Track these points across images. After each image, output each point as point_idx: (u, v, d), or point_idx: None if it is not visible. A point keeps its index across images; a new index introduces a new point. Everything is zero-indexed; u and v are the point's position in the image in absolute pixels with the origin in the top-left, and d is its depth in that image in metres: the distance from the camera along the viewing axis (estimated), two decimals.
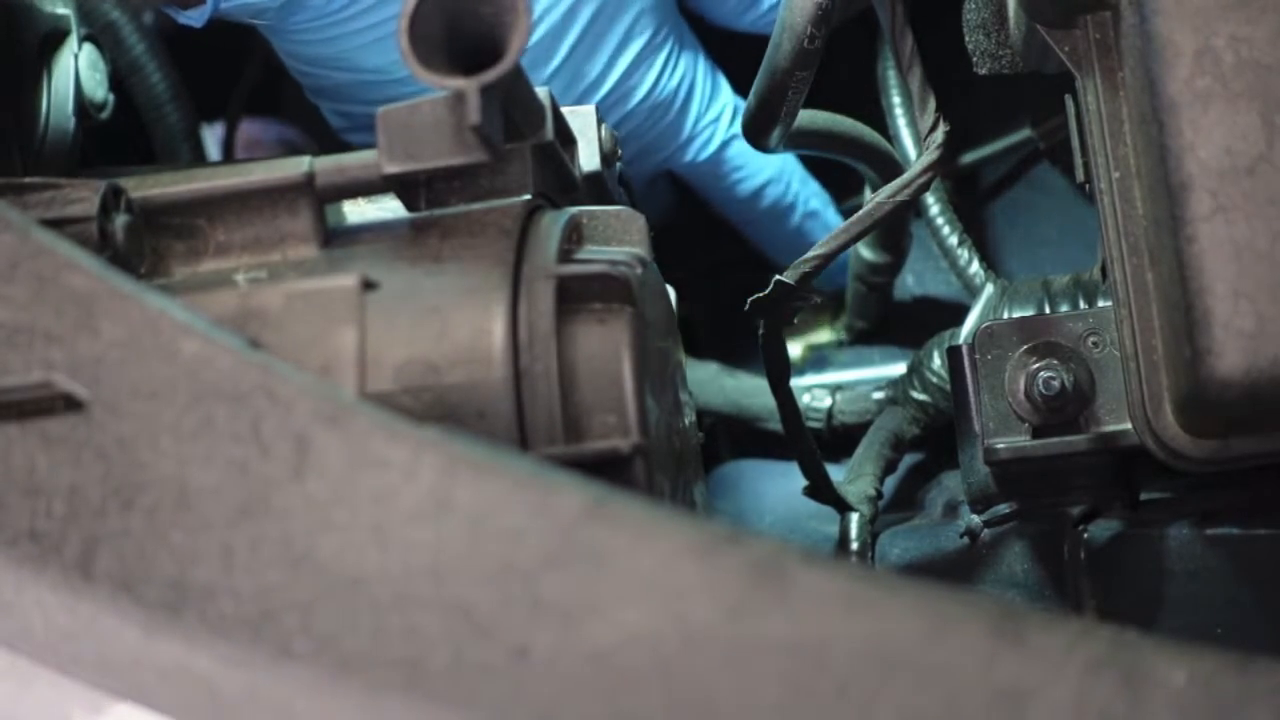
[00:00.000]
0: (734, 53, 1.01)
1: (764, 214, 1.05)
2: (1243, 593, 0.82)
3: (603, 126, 0.77)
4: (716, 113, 0.99)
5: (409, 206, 0.64)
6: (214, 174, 0.64)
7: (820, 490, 0.90)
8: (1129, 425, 0.70)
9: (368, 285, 0.59)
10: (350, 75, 0.89)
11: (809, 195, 1.06)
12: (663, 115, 0.96)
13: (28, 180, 0.63)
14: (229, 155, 1.23)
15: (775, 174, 1.03)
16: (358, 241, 0.63)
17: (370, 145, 0.62)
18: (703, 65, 0.99)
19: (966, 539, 0.89)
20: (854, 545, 0.91)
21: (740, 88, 0.99)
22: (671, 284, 0.73)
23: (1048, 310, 0.87)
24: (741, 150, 1.01)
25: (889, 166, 0.93)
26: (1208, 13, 0.62)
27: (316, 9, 0.84)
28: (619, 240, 0.66)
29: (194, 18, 0.83)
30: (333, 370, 0.57)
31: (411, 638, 0.47)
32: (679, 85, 0.96)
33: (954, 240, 1.01)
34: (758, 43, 0.78)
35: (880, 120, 1.01)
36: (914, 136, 1.01)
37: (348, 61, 0.88)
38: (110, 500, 0.50)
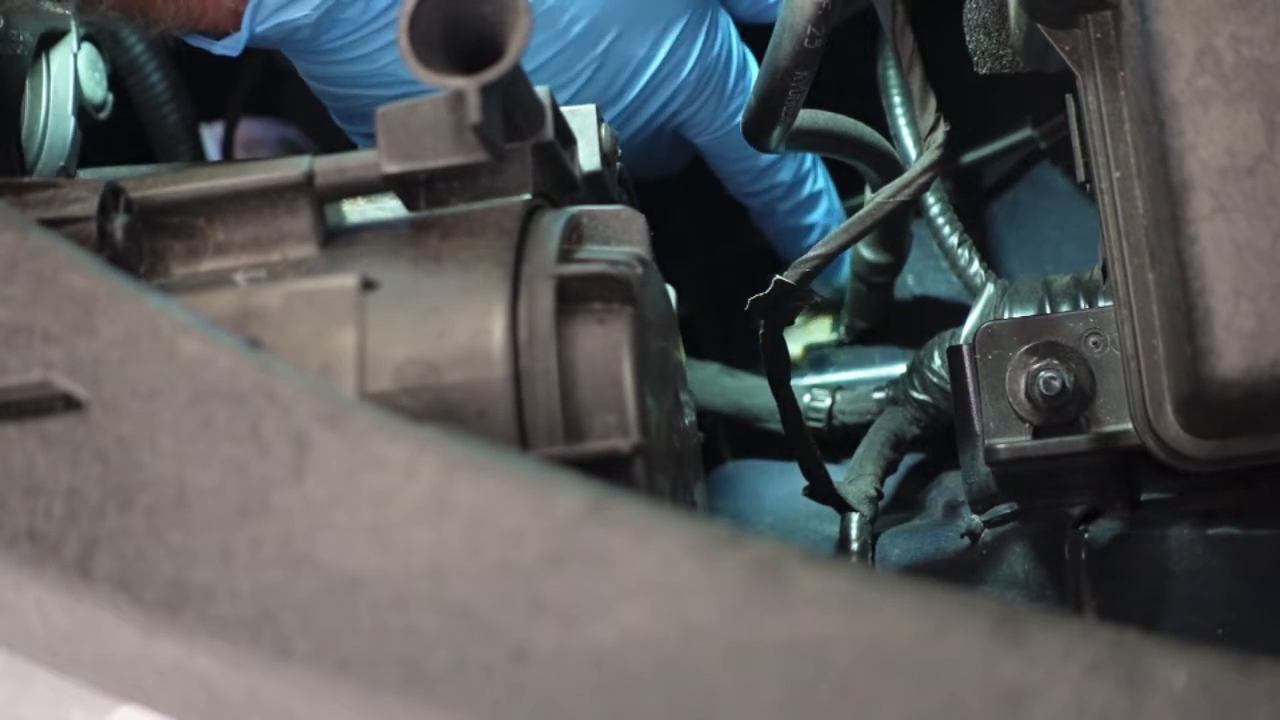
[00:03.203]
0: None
1: (774, 186, 1.04)
2: (1243, 593, 0.82)
3: (603, 126, 0.77)
4: (747, 82, 0.99)
5: (409, 206, 0.64)
6: (213, 174, 0.64)
7: (820, 490, 0.90)
8: (1130, 425, 0.70)
9: (367, 285, 0.59)
10: (386, 91, 0.87)
11: (819, 174, 1.05)
12: (708, 84, 0.95)
13: (27, 180, 0.63)
14: (228, 155, 1.23)
15: None
16: (357, 241, 0.63)
17: None
18: (735, 35, 0.98)
19: (967, 539, 0.89)
20: (854, 545, 0.91)
21: None
22: (671, 284, 0.73)
23: (1048, 310, 0.87)
24: None
25: (889, 166, 0.93)
26: (1209, 12, 0.62)
27: (352, 20, 0.83)
28: (619, 240, 0.65)
29: (230, 47, 0.81)
30: (332, 370, 0.57)
31: (411, 638, 0.47)
32: (719, 52, 0.95)
33: (954, 240, 1.01)
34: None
35: (880, 120, 1.01)
36: (914, 136, 1.01)
37: (385, 76, 0.87)
38: (109, 500, 0.50)
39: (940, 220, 1.02)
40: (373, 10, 0.82)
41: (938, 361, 0.96)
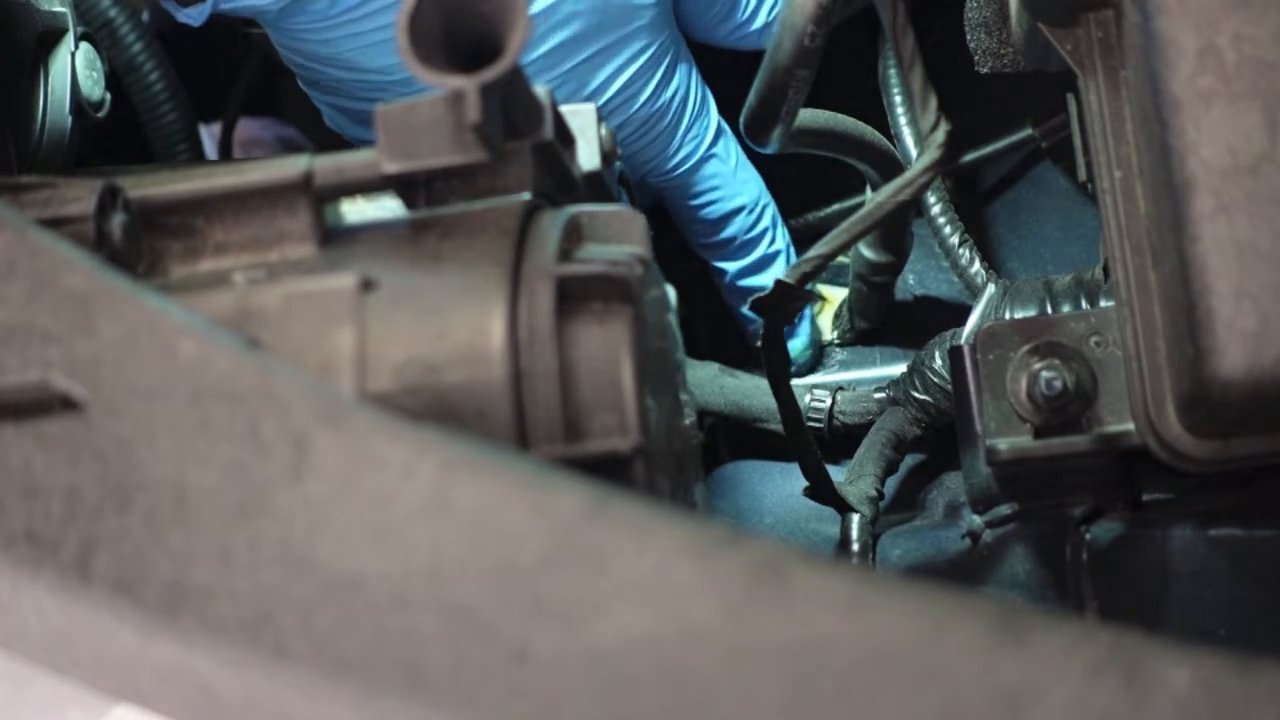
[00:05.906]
0: (722, 71, 1.01)
1: (726, 241, 1.04)
2: (1246, 594, 0.81)
3: (602, 125, 0.77)
4: (702, 128, 0.99)
5: (408, 205, 0.64)
6: (212, 173, 0.63)
7: (821, 491, 0.90)
8: (1131, 425, 0.70)
9: (367, 285, 0.58)
10: (349, 74, 0.88)
11: (776, 235, 1.05)
12: (655, 124, 0.96)
13: (24, 179, 0.63)
14: (226, 154, 1.23)
15: (749, 202, 1.03)
16: (356, 241, 0.63)
17: (364, 141, 0.62)
18: (695, 78, 0.99)
19: (968, 540, 0.89)
20: (855, 546, 0.91)
21: (726, 107, 0.99)
22: (671, 284, 0.73)
23: (1050, 310, 0.87)
24: (719, 171, 1.01)
25: (890, 165, 0.93)
26: (1211, 11, 0.62)
27: (318, 12, 0.83)
28: (619, 240, 0.65)
29: (193, 16, 0.82)
30: (331, 370, 0.57)
31: (410, 639, 0.47)
32: (673, 96, 0.96)
33: (955, 240, 1.01)
34: (746, 63, 0.78)
35: (881, 119, 1.01)
36: (915, 135, 1.01)
37: (347, 61, 0.87)
38: (108, 501, 0.50)
39: (941, 220, 1.02)
40: (339, 7, 0.83)
41: (939, 362, 0.96)
